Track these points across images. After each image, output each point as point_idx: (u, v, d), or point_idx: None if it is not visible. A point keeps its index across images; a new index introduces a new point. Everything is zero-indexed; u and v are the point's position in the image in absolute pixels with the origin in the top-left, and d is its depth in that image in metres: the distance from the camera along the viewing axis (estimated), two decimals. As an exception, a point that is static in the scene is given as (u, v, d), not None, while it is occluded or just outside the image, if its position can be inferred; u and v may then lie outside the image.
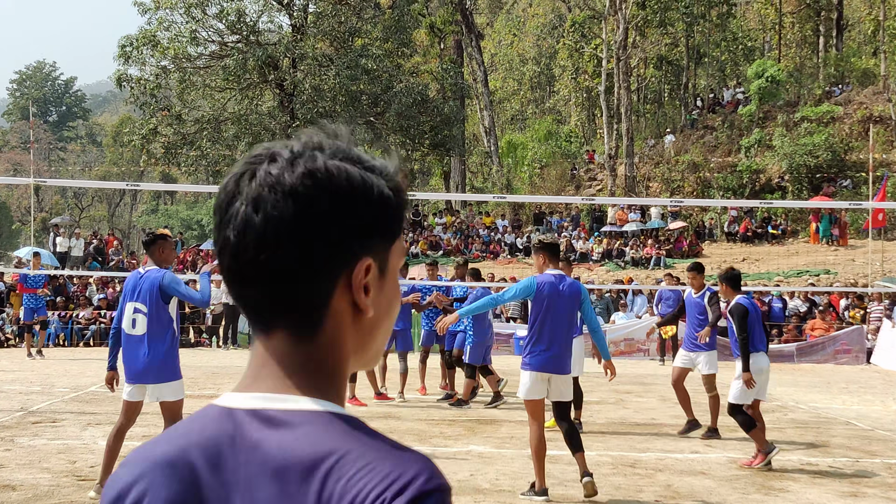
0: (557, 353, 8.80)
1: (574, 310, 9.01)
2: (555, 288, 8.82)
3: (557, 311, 8.79)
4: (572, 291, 8.92)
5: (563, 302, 8.82)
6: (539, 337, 8.81)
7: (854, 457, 11.17)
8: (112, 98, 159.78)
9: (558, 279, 8.91)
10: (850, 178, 45.07)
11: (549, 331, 8.78)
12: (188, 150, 44.12)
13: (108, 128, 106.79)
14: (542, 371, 8.76)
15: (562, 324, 8.83)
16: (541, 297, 8.79)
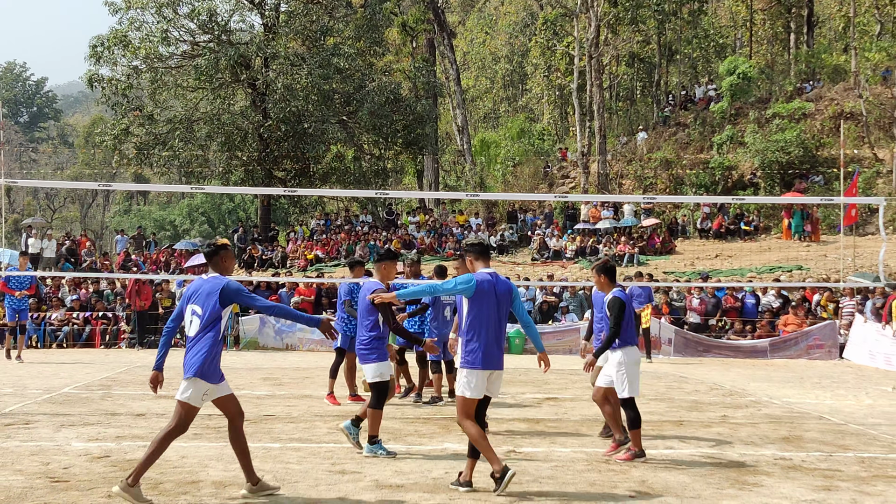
0: (497, 350, 9.00)
1: (507, 307, 9.16)
2: (491, 286, 9.01)
3: (493, 308, 8.98)
4: (505, 289, 9.12)
5: (497, 300, 9.01)
6: (477, 335, 8.94)
7: (827, 451, 11.23)
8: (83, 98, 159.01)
9: (493, 277, 9.10)
10: (822, 174, 45.32)
11: (486, 328, 8.95)
12: (160, 150, 43.94)
13: (79, 128, 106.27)
14: (485, 369, 8.90)
15: (499, 321, 9.05)
16: (480, 294, 8.96)
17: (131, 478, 8.02)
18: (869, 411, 15.19)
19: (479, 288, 8.96)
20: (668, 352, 27.14)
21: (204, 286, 8.50)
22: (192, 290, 8.59)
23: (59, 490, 8.55)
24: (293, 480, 9.02)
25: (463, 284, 9.02)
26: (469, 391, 8.92)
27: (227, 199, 79.09)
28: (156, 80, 43.63)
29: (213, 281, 8.53)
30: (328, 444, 11.14)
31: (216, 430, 12.15)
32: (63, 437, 11.44)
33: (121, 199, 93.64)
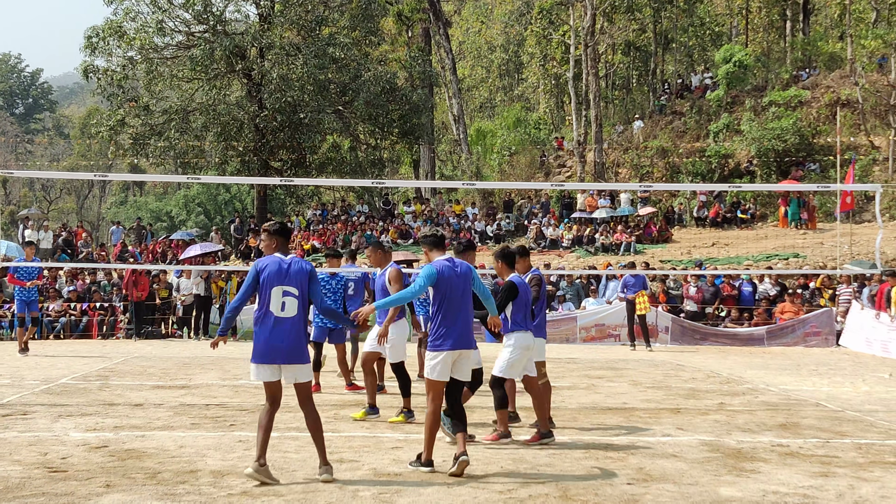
0: (465, 330, 9.34)
1: (469, 288, 9.52)
2: (451, 271, 9.40)
3: (456, 291, 9.37)
4: (464, 271, 9.48)
5: (459, 282, 9.39)
6: (444, 318, 9.28)
7: (824, 438, 11.25)
8: (79, 90, 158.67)
9: (451, 262, 9.49)
10: (818, 161, 45.36)
11: (453, 311, 9.30)
12: (156, 140, 43.93)
13: (75, 120, 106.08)
14: (453, 349, 9.21)
15: (464, 302, 9.40)
16: (442, 281, 9.30)
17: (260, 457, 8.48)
18: (866, 398, 15.22)
19: (439, 275, 9.30)
20: (666, 340, 27.17)
21: (289, 268, 8.89)
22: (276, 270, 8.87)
23: (58, 480, 8.55)
24: (291, 469, 9.03)
25: (425, 278, 9.32)
26: (435, 373, 9.25)
27: (223, 190, 78.91)
28: (151, 71, 43.56)
29: (299, 262, 9.00)
30: (326, 434, 11.13)
31: (213, 419, 12.15)
32: (61, 427, 11.44)
33: (117, 190, 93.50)
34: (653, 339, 26.15)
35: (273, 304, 8.80)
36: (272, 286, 8.80)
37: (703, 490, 8.38)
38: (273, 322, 8.77)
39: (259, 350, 8.79)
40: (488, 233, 42.08)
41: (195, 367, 19.32)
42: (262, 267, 8.95)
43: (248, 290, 8.95)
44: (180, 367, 19.10)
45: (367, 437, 10.82)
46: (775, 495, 8.20)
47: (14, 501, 7.73)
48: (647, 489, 8.39)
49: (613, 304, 27.93)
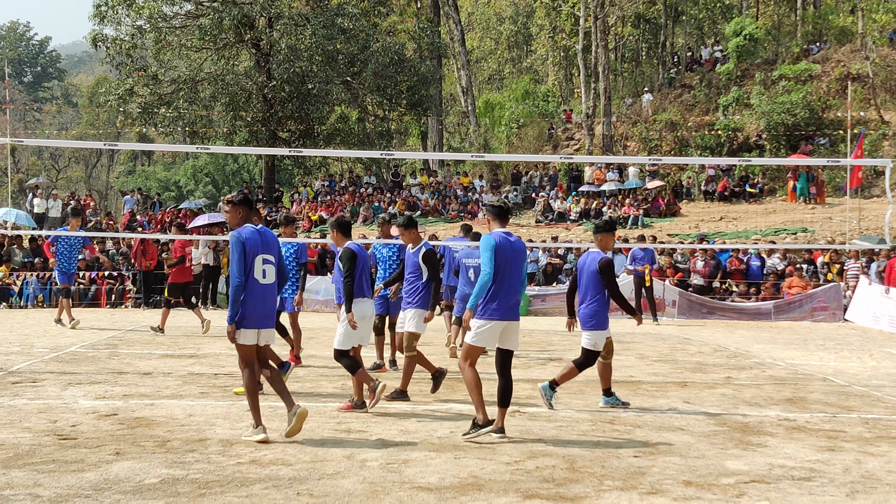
0: (513, 303, 9.48)
1: (522, 264, 9.58)
2: (508, 243, 9.46)
3: (510, 264, 9.43)
4: (520, 246, 9.58)
5: (513, 256, 9.45)
6: (497, 289, 9.37)
7: (831, 412, 11.28)
8: (87, 58, 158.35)
9: (508, 234, 9.56)
10: (828, 136, 45.17)
11: (506, 283, 9.41)
12: (165, 110, 43.86)
13: (83, 88, 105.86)
14: (502, 320, 9.37)
15: (514, 276, 9.48)
16: (498, 252, 9.36)
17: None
18: (873, 373, 15.23)
19: (497, 246, 9.35)
20: (673, 314, 27.18)
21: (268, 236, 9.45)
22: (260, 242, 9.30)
23: (67, 448, 8.60)
24: (300, 439, 9.07)
25: (488, 251, 9.36)
26: (478, 340, 9.41)
27: (231, 160, 78.89)
28: (160, 40, 43.45)
29: (269, 231, 9.59)
30: (334, 403, 11.19)
31: (222, 389, 12.21)
32: (70, 395, 11.50)
33: (125, 159, 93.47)
34: (660, 313, 26.18)
35: (256, 271, 9.15)
36: (255, 255, 9.16)
37: (710, 463, 8.41)
38: (258, 290, 9.15)
39: (248, 316, 9.08)
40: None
41: (203, 336, 19.38)
42: (245, 237, 9.18)
43: (243, 263, 9.12)
44: (189, 337, 19.17)
45: (376, 408, 10.86)
46: (782, 469, 8.23)
47: (25, 468, 7.79)
48: (653, 462, 8.42)
49: (621, 277, 27.91)
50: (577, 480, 7.66)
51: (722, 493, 7.35)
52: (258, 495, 7.02)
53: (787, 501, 7.12)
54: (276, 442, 8.94)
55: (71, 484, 7.28)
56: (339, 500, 6.92)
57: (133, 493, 7.04)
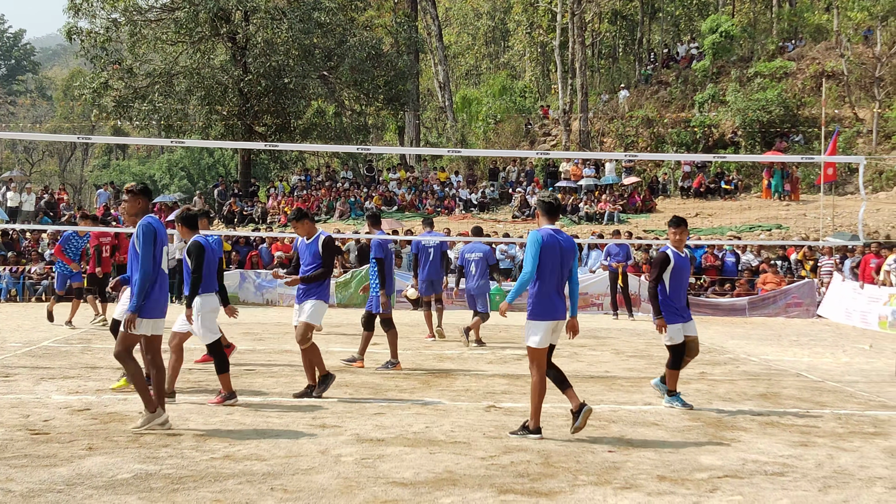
0: (560, 302, 9.38)
1: (570, 262, 9.42)
2: (556, 241, 9.30)
3: (558, 263, 9.28)
4: (570, 246, 9.38)
5: (562, 255, 9.30)
6: (544, 287, 9.28)
7: (804, 408, 11.33)
8: (62, 51, 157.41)
9: (557, 233, 9.39)
10: (803, 133, 45.38)
11: (551, 281, 9.30)
12: (140, 104, 43.67)
13: (58, 82, 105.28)
14: (551, 319, 9.27)
15: (562, 274, 9.35)
16: (545, 249, 9.25)
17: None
18: (846, 369, 15.32)
19: (544, 244, 9.23)
20: (648, 309, 27.15)
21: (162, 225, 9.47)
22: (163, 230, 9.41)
23: (40, 442, 8.55)
24: (274, 434, 9.05)
25: (533, 245, 9.26)
26: (538, 342, 9.28)
27: (206, 155, 78.65)
28: (135, 34, 43.22)
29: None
30: (309, 399, 11.17)
31: (195, 384, 12.17)
32: (43, 389, 11.44)
33: (100, 153, 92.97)
34: (635, 309, 26.25)
35: (164, 262, 9.35)
36: (163, 245, 9.33)
37: (684, 458, 8.43)
38: (163, 279, 9.36)
39: (157, 307, 9.31)
40: (473, 201, 42.03)
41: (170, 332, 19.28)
42: (157, 227, 9.33)
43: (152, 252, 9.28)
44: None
45: (350, 403, 10.84)
46: (755, 464, 8.26)
47: (-4, 463, 7.74)
48: (627, 457, 8.44)
49: (597, 273, 27.97)
50: (551, 475, 7.66)
51: (695, 487, 7.37)
52: (232, 490, 6.99)
53: (760, 496, 7.15)
54: (249, 437, 8.91)
55: (43, 479, 7.24)
56: (313, 495, 6.91)
57: (105, 487, 7.01)
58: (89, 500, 6.68)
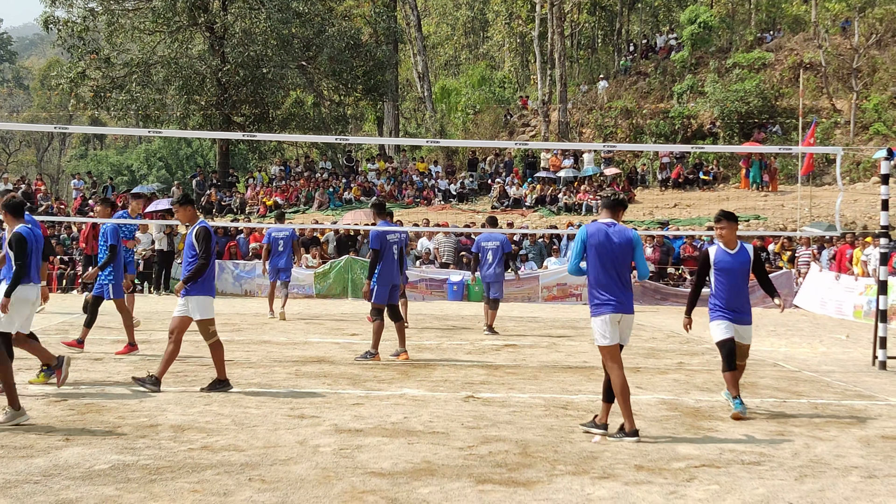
0: (620, 295, 9.01)
1: (626, 256, 9.09)
2: (605, 234, 9.01)
3: (609, 256, 8.98)
4: (623, 239, 9.06)
5: (613, 248, 8.98)
6: (598, 282, 9.06)
7: (781, 397, 11.38)
8: (39, 41, 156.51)
9: (608, 225, 9.11)
10: (781, 124, 45.54)
11: (605, 275, 9.01)
12: (117, 93, 43.48)
13: (35, 71, 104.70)
14: (614, 313, 8.93)
15: (617, 268, 9.02)
16: (591, 244, 9.02)
17: None
18: (823, 359, 15.40)
19: (589, 238, 9.04)
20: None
21: None
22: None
23: (17, 433, 8.52)
24: (252, 425, 9.03)
25: (577, 241, 9.15)
26: (604, 339, 8.97)
27: (185, 145, 78.39)
28: (112, 23, 43.04)
29: None
30: (287, 390, 11.16)
31: (174, 374, 12.12)
32: (20, 380, 11.36)
33: (77, 143, 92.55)
34: (614, 299, 26.28)
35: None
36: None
37: (661, 447, 8.46)
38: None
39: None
40: (451, 191, 42.02)
41: (155, 321, 19.26)
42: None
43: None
44: (140, 323, 19.01)
45: (329, 394, 10.84)
46: (732, 453, 8.29)
47: (-28, 454, 7.70)
48: (605, 447, 8.46)
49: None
50: (529, 465, 7.68)
51: (673, 477, 7.40)
52: (210, 481, 6.98)
53: (737, 485, 7.18)
54: (227, 428, 8.90)
55: (20, 470, 7.21)
56: (291, 485, 6.90)
57: (83, 478, 6.98)
58: (66, 490, 6.65)
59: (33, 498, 6.47)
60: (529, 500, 6.66)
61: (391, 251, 14.32)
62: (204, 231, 11.21)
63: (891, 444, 8.85)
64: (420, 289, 28.02)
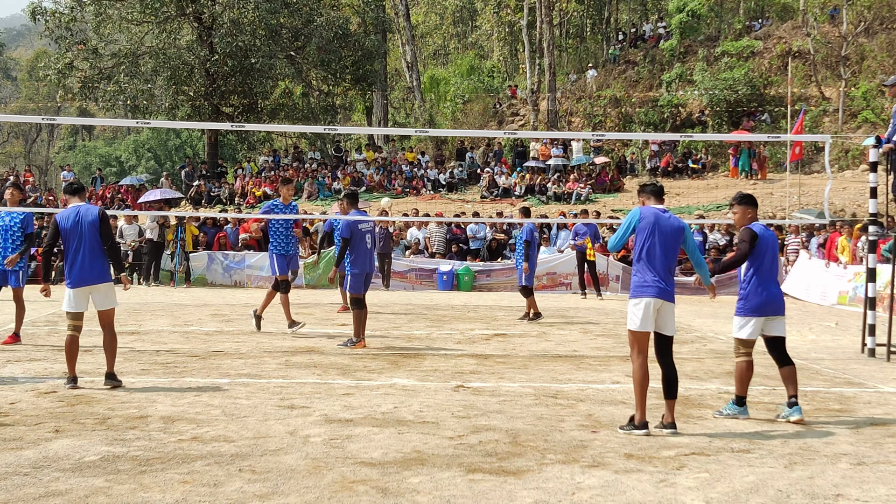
0: (663, 282, 8.82)
1: (675, 244, 8.95)
2: (656, 219, 8.88)
3: (658, 242, 8.83)
4: (673, 227, 8.92)
5: (664, 235, 8.84)
6: (644, 265, 8.87)
7: (771, 385, 11.41)
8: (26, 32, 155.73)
9: (662, 212, 8.98)
10: (769, 112, 45.61)
11: (652, 260, 8.83)
12: (105, 84, 43.35)
13: (23, 62, 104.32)
14: (653, 297, 8.77)
15: (664, 254, 8.84)
16: (642, 227, 8.88)
17: None
18: (812, 346, 15.44)
19: (641, 221, 8.89)
20: (616, 288, 27.39)
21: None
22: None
23: (6, 425, 8.50)
24: (242, 415, 9.02)
25: (628, 218, 9.03)
26: (636, 322, 8.83)
27: (173, 136, 78.21)
28: (100, 13, 42.89)
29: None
30: (277, 380, 11.15)
31: (164, 365, 12.12)
32: (9, 372, 11.37)
33: (66, 134, 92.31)
34: (603, 288, 26.37)
35: None
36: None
37: (651, 436, 8.47)
38: None
39: None
40: (441, 181, 41.99)
41: (145, 313, 19.24)
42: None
43: None
44: (130, 314, 19.00)
45: (319, 384, 10.83)
46: (721, 441, 8.31)
47: (-39, 447, 7.69)
48: (595, 435, 8.47)
49: (565, 252, 28.09)
50: (519, 454, 7.69)
51: (663, 465, 7.41)
52: (200, 472, 6.97)
53: (727, 473, 7.20)
54: (217, 418, 8.89)
55: (9, 462, 7.19)
56: (281, 475, 6.90)
57: (72, 470, 6.97)
58: (56, 482, 6.65)
59: (23, 490, 6.46)
60: (520, 488, 6.66)
61: (364, 240, 14.36)
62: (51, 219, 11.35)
63: (880, 432, 8.89)
64: (410, 278, 28.06)
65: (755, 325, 9.66)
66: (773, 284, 9.68)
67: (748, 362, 9.66)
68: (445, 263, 28.45)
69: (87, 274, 10.51)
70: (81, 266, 10.50)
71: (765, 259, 9.62)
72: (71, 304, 10.61)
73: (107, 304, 10.69)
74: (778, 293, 9.70)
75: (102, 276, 10.63)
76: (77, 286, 10.53)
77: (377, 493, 6.50)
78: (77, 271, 10.51)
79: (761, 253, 9.61)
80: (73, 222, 10.50)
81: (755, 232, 9.70)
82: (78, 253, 10.50)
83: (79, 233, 10.51)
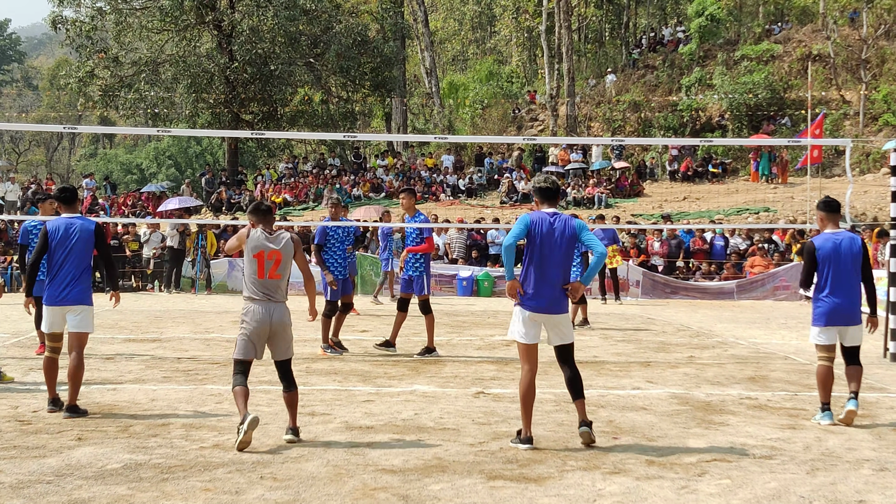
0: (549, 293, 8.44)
1: (567, 248, 8.38)
2: (549, 226, 8.30)
3: (544, 248, 8.31)
4: (565, 229, 8.36)
5: (554, 239, 8.29)
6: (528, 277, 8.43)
7: (792, 390, 11.37)
8: (47, 41, 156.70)
9: (552, 216, 8.38)
10: (790, 116, 45.47)
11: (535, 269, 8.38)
12: (126, 93, 43.53)
13: (44, 71, 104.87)
14: (533, 312, 8.52)
15: (552, 261, 8.32)
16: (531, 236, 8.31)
17: None
18: (833, 351, 15.36)
19: (530, 228, 8.28)
20: (636, 294, 27.32)
21: None
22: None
23: (29, 433, 8.54)
24: (264, 423, 9.03)
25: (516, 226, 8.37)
26: (520, 335, 8.71)
27: (194, 143, 78.47)
28: (120, 22, 43.07)
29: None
30: (298, 386, 11.15)
31: (185, 373, 12.16)
32: (31, 380, 11.42)
33: (87, 142, 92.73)
34: (623, 293, 26.31)
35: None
36: None
37: (672, 442, 8.46)
38: None
39: None
40: (460, 186, 42.00)
41: (166, 320, 19.31)
42: None
43: None
44: (151, 321, 19.07)
45: (339, 391, 10.85)
46: (743, 447, 8.28)
47: (-15, 455, 7.73)
48: (616, 442, 8.46)
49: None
50: (540, 461, 7.69)
51: (684, 471, 7.40)
52: (221, 479, 7.00)
53: (749, 480, 7.18)
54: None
55: (32, 470, 7.23)
56: (302, 483, 6.92)
57: (95, 478, 7.01)
58: (79, 490, 6.68)
59: (46, 498, 6.49)
60: (541, 496, 6.67)
61: (338, 246, 14.43)
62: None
63: (902, 437, 8.85)
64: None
65: (823, 333, 9.75)
66: (841, 294, 9.60)
67: (825, 367, 9.75)
68: (465, 269, 28.45)
69: (66, 293, 9.64)
70: (61, 283, 9.64)
71: (829, 269, 9.63)
72: (46, 324, 9.81)
73: (81, 326, 9.74)
74: (845, 303, 9.61)
75: (82, 299, 9.71)
76: (53, 304, 9.67)
77: (398, 500, 6.51)
78: (55, 288, 9.66)
79: (826, 263, 9.66)
80: (63, 235, 9.71)
81: (813, 245, 9.83)
82: (61, 269, 9.66)
83: (67, 248, 9.68)
